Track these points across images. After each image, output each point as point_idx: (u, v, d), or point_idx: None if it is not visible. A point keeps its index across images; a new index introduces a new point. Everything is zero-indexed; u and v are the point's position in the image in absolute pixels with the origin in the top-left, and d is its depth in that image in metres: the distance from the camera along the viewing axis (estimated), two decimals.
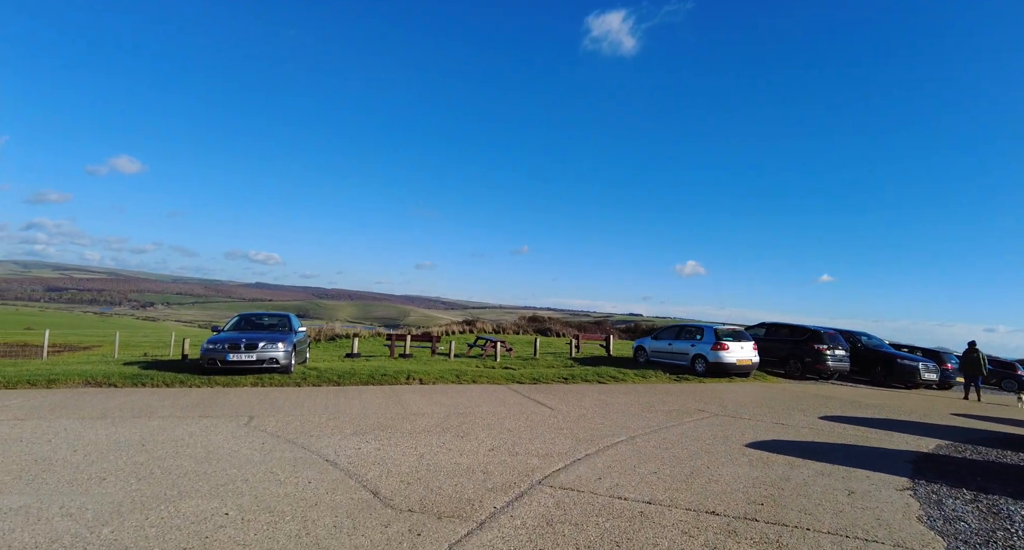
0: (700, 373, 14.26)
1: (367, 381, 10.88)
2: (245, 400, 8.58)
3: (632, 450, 6.12)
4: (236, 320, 12.35)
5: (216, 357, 10.22)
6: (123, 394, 8.77)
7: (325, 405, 8.43)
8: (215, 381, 9.99)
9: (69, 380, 9.42)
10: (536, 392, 10.59)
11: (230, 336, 10.83)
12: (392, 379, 11.13)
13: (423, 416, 7.78)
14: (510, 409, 8.59)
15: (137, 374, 10.08)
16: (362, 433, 6.55)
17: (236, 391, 9.39)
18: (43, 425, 6.48)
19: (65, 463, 4.91)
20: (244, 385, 9.95)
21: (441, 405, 8.74)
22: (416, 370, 12.23)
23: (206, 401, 8.37)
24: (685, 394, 11.15)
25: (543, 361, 16.28)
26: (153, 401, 8.21)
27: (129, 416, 7.12)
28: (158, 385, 9.57)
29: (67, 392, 8.83)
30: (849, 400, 11.48)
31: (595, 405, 9.30)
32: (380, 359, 15.66)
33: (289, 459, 5.27)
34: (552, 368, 14.68)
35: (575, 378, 12.52)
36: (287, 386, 10.16)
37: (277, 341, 10.74)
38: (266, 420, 7.14)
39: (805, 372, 15.59)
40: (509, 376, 12.35)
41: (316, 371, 11.40)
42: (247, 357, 10.31)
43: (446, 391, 10.29)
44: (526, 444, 6.23)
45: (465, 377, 11.86)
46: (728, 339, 14.27)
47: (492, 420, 7.62)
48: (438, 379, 11.48)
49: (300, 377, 10.72)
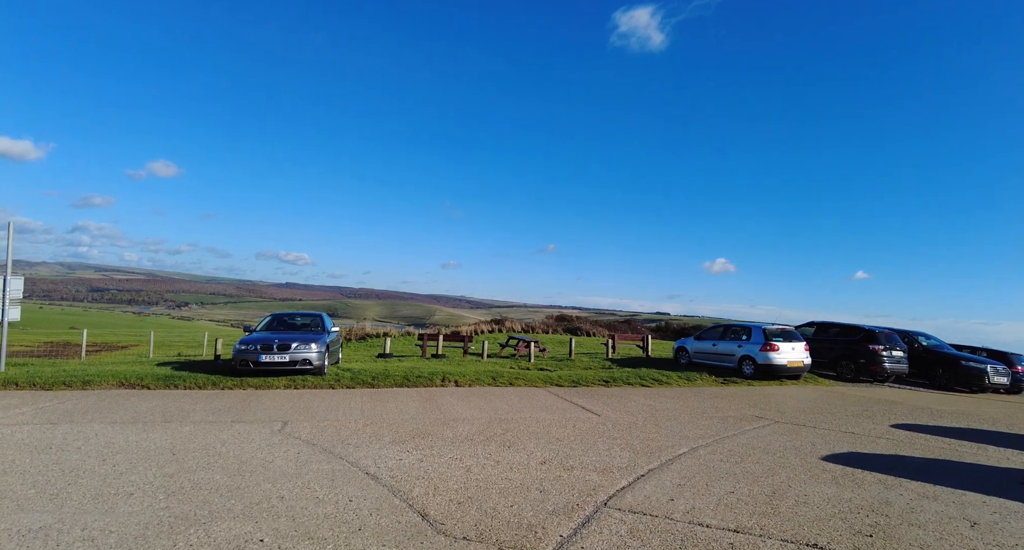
0: (748, 375, 13.49)
1: (402, 383, 10.51)
2: (278, 404, 8.27)
3: (698, 464, 5.53)
4: (268, 320, 12.14)
5: (248, 358, 9.97)
6: (156, 396, 8.57)
7: (361, 409, 8.06)
8: (248, 383, 9.74)
9: (103, 381, 9.29)
10: (578, 396, 10.04)
11: (262, 337, 10.59)
12: (427, 381, 10.73)
13: (463, 422, 7.32)
14: (554, 415, 8.08)
15: (170, 375, 9.91)
16: (402, 441, 6.13)
17: (269, 394, 9.11)
18: (75, 430, 6.24)
19: (92, 474, 4.59)
20: (277, 387, 9.68)
21: (481, 410, 8.28)
22: (451, 371, 11.81)
23: (238, 405, 8.09)
24: (736, 398, 10.45)
25: (579, 362, 15.71)
26: (185, 404, 7.96)
27: (160, 420, 6.85)
28: (190, 387, 9.36)
29: (101, 394, 8.67)
30: (917, 406, 10.59)
31: (643, 411, 8.71)
32: (413, 360, 15.32)
33: (327, 472, 4.86)
34: (590, 370, 14.11)
35: (616, 381, 11.92)
36: (321, 388, 9.86)
37: (310, 342, 10.45)
38: (300, 426, 6.78)
39: (859, 374, 14.64)
40: (547, 378, 11.83)
41: (350, 372, 11.08)
42: (280, 358, 10.04)
43: (484, 394, 9.83)
44: (580, 456, 5.70)
45: (502, 379, 11.39)
46: (778, 339, 13.45)
47: (537, 428, 7.12)
48: (474, 381, 11.03)
49: (334, 379, 10.41)
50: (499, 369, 13.37)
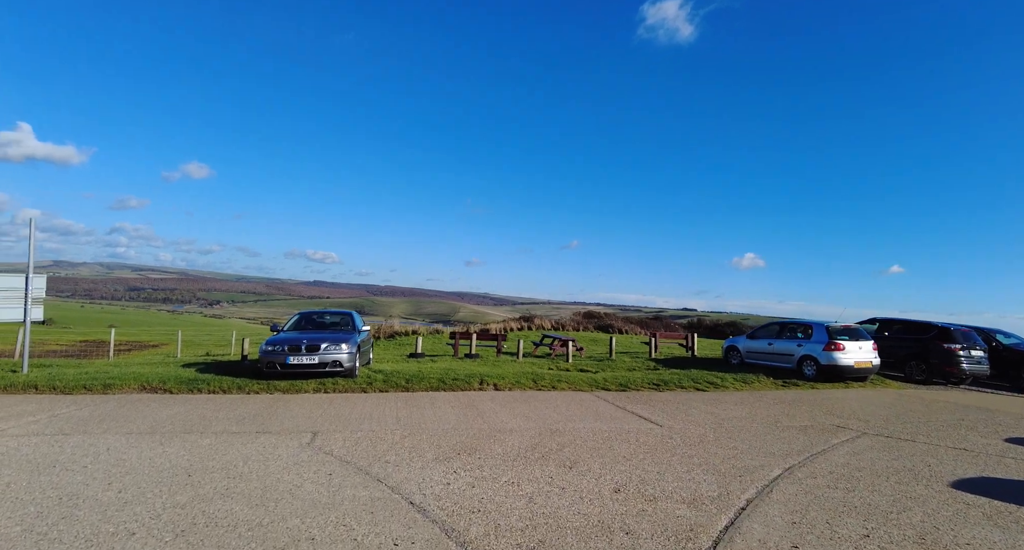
0: (809, 377, 12.35)
1: (437, 386, 9.75)
2: (307, 410, 7.59)
3: (804, 493, 4.59)
4: (296, 319, 11.53)
5: (275, 360, 9.34)
6: (177, 402, 7.98)
7: (396, 417, 7.32)
8: (275, 386, 9.11)
9: (125, 385, 8.76)
10: (630, 402, 9.13)
11: (290, 337, 9.96)
12: (464, 384, 9.95)
13: (511, 434, 6.50)
14: (610, 426, 7.19)
15: (193, 379, 9.35)
16: (446, 458, 5.34)
17: (297, 399, 8.45)
18: (86, 442, 5.63)
19: (94, 504, 3.91)
20: (306, 391, 9.03)
21: (527, 419, 7.45)
22: (488, 373, 11.02)
23: (264, 411, 7.43)
24: (804, 404, 9.39)
25: (621, 363, 14.76)
26: (207, 411, 7.34)
27: (180, 431, 6.21)
28: (214, 391, 8.77)
29: (121, 399, 8.13)
30: (1019, 414, 9.36)
31: (708, 420, 7.76)
32: (445, 360, 14.60)
33: (364, 501, 4.09)
34: (635, 371, 13.15)
35: (668, 384, 10.95)
36: (352, 392, 9.17)
37: (340, 342, 9.77)
38: (332, 438, 6.06)
39: (931, 376, 13.34)
40: (591, 381, 10.94)
41: (382, 374, 10.38)
42: (308, 360, 9.38)
43: (526, 400, 9.01)
44: (658, 481, 4.81)
45: (543, 382, 10.54)
46: (843, 338, 12.27)
47: (596, 442, 6.25)
48: (514, 384, 10.21)
49: (365, 381, 9.71)
50: (538, 370, 12.52)
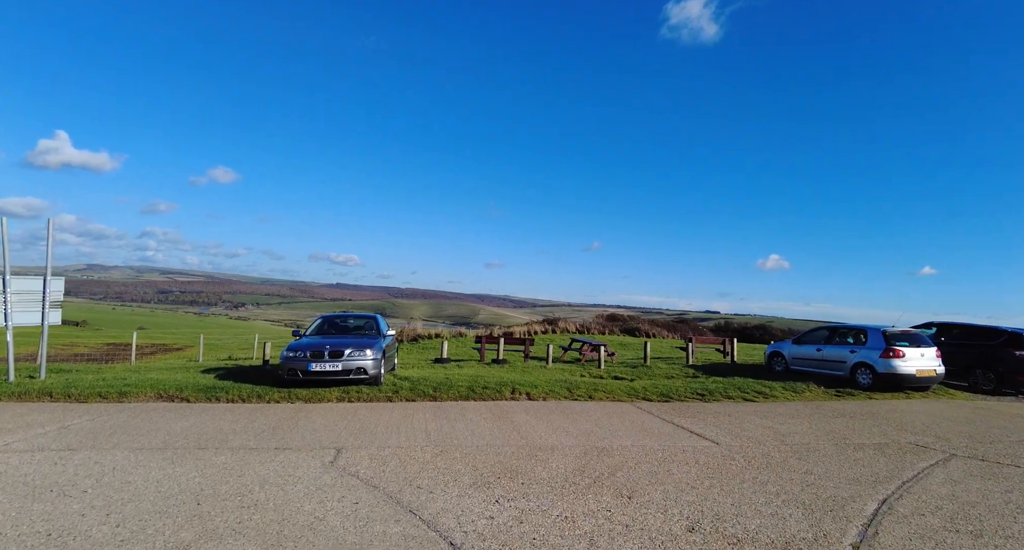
0: (864, 386, 11.41)
1: (467, 395, 9.14)
2: (330, 422, 7.04)
3: (917, 536, 3.84)
4: (319, 322, 11.04)
5: (297, 367, 8.84)
6: (194, 412, 7.51)
7: (426, 430, 6.72)
8: (296, 395, 8.61)
9: (141, 393, 8.35)
10: (676, 414, 8.39)
11: (312, 342, 9.46)
12: (495, 393, 9.32)
13: (554, 452, 5.85)
14: (661, 443, 6.48)
15: (212, 386, 8.90)
16: (486, 483, 4.71)
17: (320, 409, 7.92)
18: (92, 460, 5.15)
19: (85, 542, 3.38)
20: (329, 400, 8.50)
21: (567, 433, 6.78)
22: (519, 381, 10.36)
23: (285, 423, 6.90)
24: (868, 417, 8.52)
25: (657, 369, 13.97)
26: (224, 423, 6.84)
27: (193, 446, 5.70)
28: (233, 400, 8.30)
29: (136, 408, 7.70)
30: None
31: (767, 436, 6.99)
32: (471, 365, 13.99)
33: (396, 539, 3.48)
34: (674, 379, 12.37)
35: (713, 394, 10.15)
36: (378, 401, 8.62)
37: (365, 347, 9.23)
38: (357, 455, 5.48)
39: (1000, 385, 12.26)
40: (629, 390, 10.20)
41: (408, 382, 9.81)
42: (331, 367, 8.86)
43: (563, 411, 8.33)
44: (736, 517, 4.10)
45: (578, 391, 9.84)
46: (902, 344, 11.31)
47: (651, 463, 5.55)
48: (548, 393, 9.54)
49: (391, 389, 9.15)
50: (570, 377, 11.84)
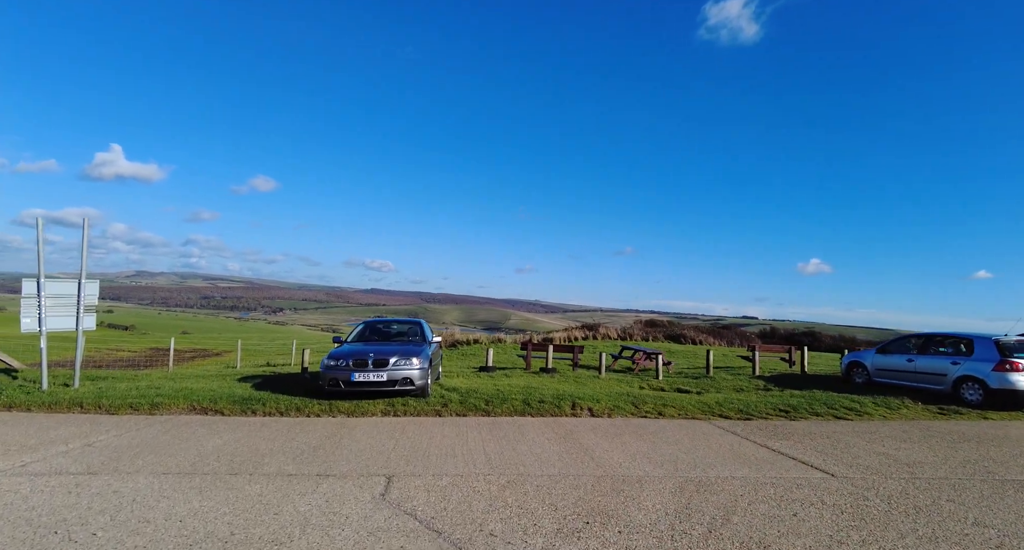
0: (973, 403, 9.96)
1: (522, 410, 8.22)
2: (377, 441, 6.23)
3: None
4: (361, 328, 10.32)
5: (339, 377, 8.10)
6: (228, 427, 6.82)
7: (485, 453, 5.84)
8: (338, 407, 7.86)
9: (174, 405, 7.74)
10: (766, 435, 7.26)
11: (355, 350, 8.71)
12: (553, 407, 8.37)
13: (642, 486, 4.86)
14: (765, 474, 5.41)
15: (248, 397, 8.23)
16: (574, 532, 3.77)
17: (364, 424, 7.13)
18: (111, 489, 4.44)
19: None
20: (373, 414, 7.72)
21: (650, 460, 5.78)
22: (577, 394, 9.39)
23: (327, 442, 6.13)
24: (1001, 444, 7.19)
25: (722, 381, 12.75)
26: (260, 441, 6.11)
27: (225, 472, 4.96)
28: (270, 413, 7.60)
29: (167, 421, 7.07)
30: None
31: (888, 466, 5.81)
32: (519, 374, 13.07)
33: None
34: (745, 392, 11.17)
35: (797, 410, 8.94)
36: (426, 416, 7.79)
37: (411, 355, 8.43)
38: (411, 485, 4.63)
39: None
40: (701, 405, 9.09)
41: (457, 394, 8.97)
42: (376, 377, 8.08)
43: (636, 431, 7.31)
44: None
45: (645, 406, 8.80)
46: (1020, 356, 9.85)
47: (768, 504, 4.50)
48: (612, 409, 8.53)
49: (439, 402, 8.32)
50: (632, 390, 10.79)
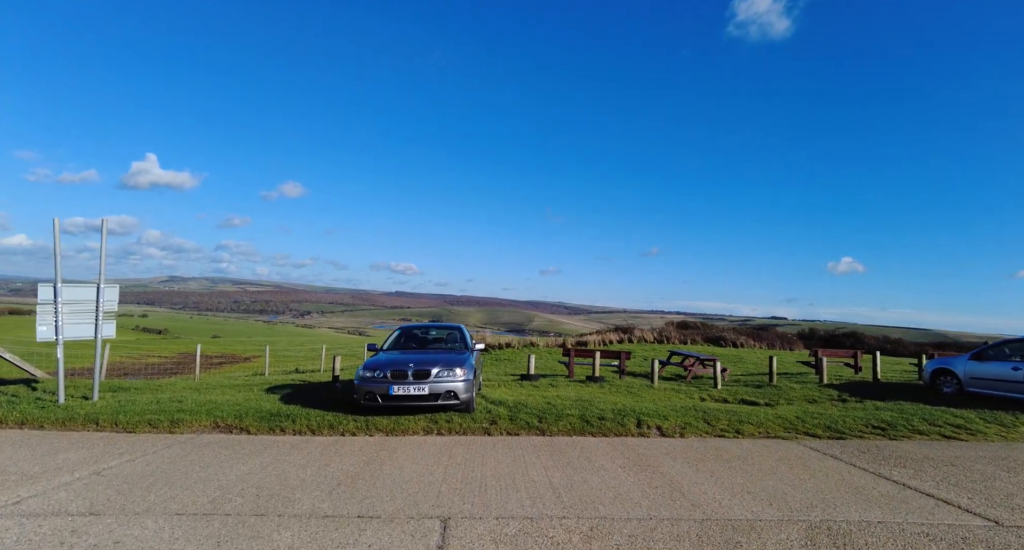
0: None
1: (581, 428, 7.23)
2: (423, 468, 5.34)
3: None
4: (397, 335, 9.43)
5: (376, 391, 7.23)
6: (255, 449, 6.01)
7: (552, 486, 4.88)
8: (375, 425, 7.01)
9: (196, 421, 6.98)
10: (876, 461, 6.11)
11: (393, 359, 7.84)
12: (616, 425, 7.36)
13: (760, 536, 3.84)
14: (912, 520, 4.31)
15: (276, 413, 7.43)
16: None
17: (406, 445, 6.25)
18: (111, 538, 3.63)
19: None
20: (415, 432, 6.84)
21: (755, 498, 4.74)
22: (639, 408, 8.36)
23: (366, 470, 5.25)
24: None
25: (789, 390, 11.54)
26: (290, 469, 5.26)
27: (249, 512, 4.11)
28: (300, 431, 6.78)
29: (187, 442, 6.31)
30: None
31: None
32: (565, 383, 12.08)
33: None
34: (818, 403, 9.98)
35: (896, 428, 7.74)
36: (473, 434, 6.87)
37: (454, 366, 7.53)
38: (473, 535, 3.71)
39: None
40: (779, 421, 7.96)
41: (505, 408, 8.03)
42: (417, 390, 7.19)
43: (719, 455, 6.26)
44: None
45: (718, 423, 7.72)
46: None
47: None
48: (683, 427, 7.47)
49: (487, 418, 7.40)
50: (693, 402, 9.71)
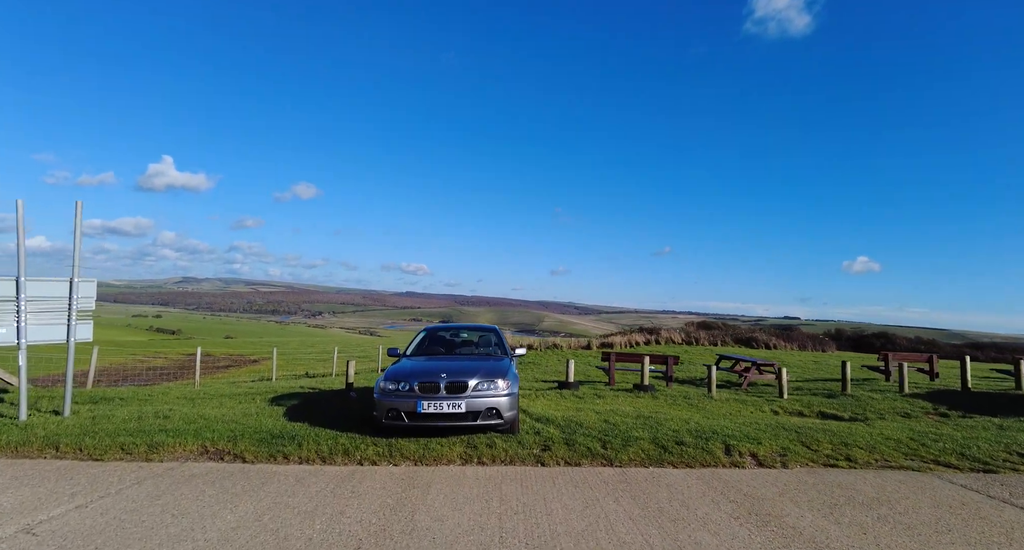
0: None
1: (658, 456, 5.74)
2: (469, 519, 3.92)
3: None
4: (421, 338, 7.92)
5: (401, 407, 5.80)
6: (249, 486, 4.63)
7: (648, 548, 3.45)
8: (400, 450, 5.60)
9: (179, 445, 5.61)
10: None
11: (420, 368, 6.38)
12: (700, 452, 5.86)
13: None
14: None
15: (279, 432, 6.05)
16: None
17: (441, 481, 4.83)
18: None
19: None
20: (450, 459, 5.43)
21: None
22: (720, 428, 6.87)
23: (393, 522, 3.85)
24: None
25: (869, 400, 9.98)
26: (293, 521, 3.87)
27: None
28: (308, 459, 5.39)
29: (163, 476, 4.94)
30: None
31: None
32: (609, 393, 10.59)
33: None
34: (915, 419, 8.44)
35: None
36: (523, 463, 5.45)
37: (495, 376, 6.10)
38: None
39: None
40: (891, 443, 6.42)
41: (553, 427, 6.58)
42: (452, 407, 5.76)
43: (849, 496, 4.76)
44: None
45: (819, 447, 6.20)
46: None
47: None
48: (782, 453, 5.98)
49: (536, 442, 5.96)
50: (772, 418, 8.22)
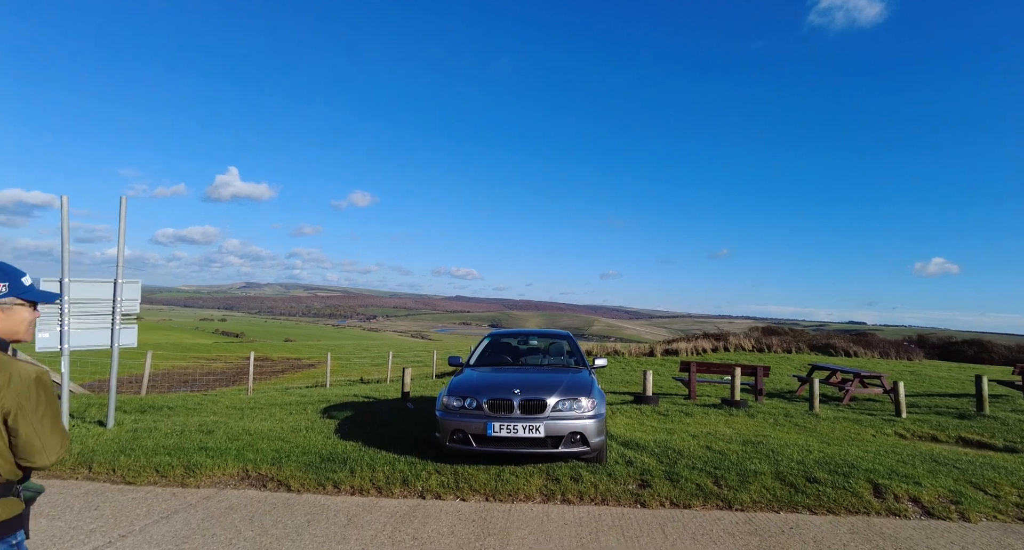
0: None
1: (788, 498, 4.55)
2: None
3: None
4: (486, 346, 6.88)
5: (468, 429, 4.85)
6: (291, 528, 3.82)
7: None
8: (468, 479, 4.68)
9: (219, 468, 4.91)
10: None
11: (489, 381, 5.41)
12: (843, 494, 4.61)
13: None
14: None
15: (330, 454, 5.25)
16: None
17: (521, 523, 3.86)
18: None
19: None
20: (528, 495, 4.46)
21: None
22: (852, 459, 5.56)
23: None
24: None
25: (1019, 424, 8.27)
26: None
27: None
28: (363, 488, 4.55)
29: (195, 508, 4.22)
30: None
31: None
32: (697, 410, 9.31)
33: None
34: None
35: None
36: (619, 503, 4.40)
37: (577, 392, 5.07)
38: None
39: None
40: None
41: (648, 455, 5.47)
42: (528, 430, 4.77)
43: None
44: None
45: (998, 490, 4.83)
46: None
47: None
48: (955, 499, 4.64)
49: (630, 475, 4.90)
50: (903, 443, 6.76)
